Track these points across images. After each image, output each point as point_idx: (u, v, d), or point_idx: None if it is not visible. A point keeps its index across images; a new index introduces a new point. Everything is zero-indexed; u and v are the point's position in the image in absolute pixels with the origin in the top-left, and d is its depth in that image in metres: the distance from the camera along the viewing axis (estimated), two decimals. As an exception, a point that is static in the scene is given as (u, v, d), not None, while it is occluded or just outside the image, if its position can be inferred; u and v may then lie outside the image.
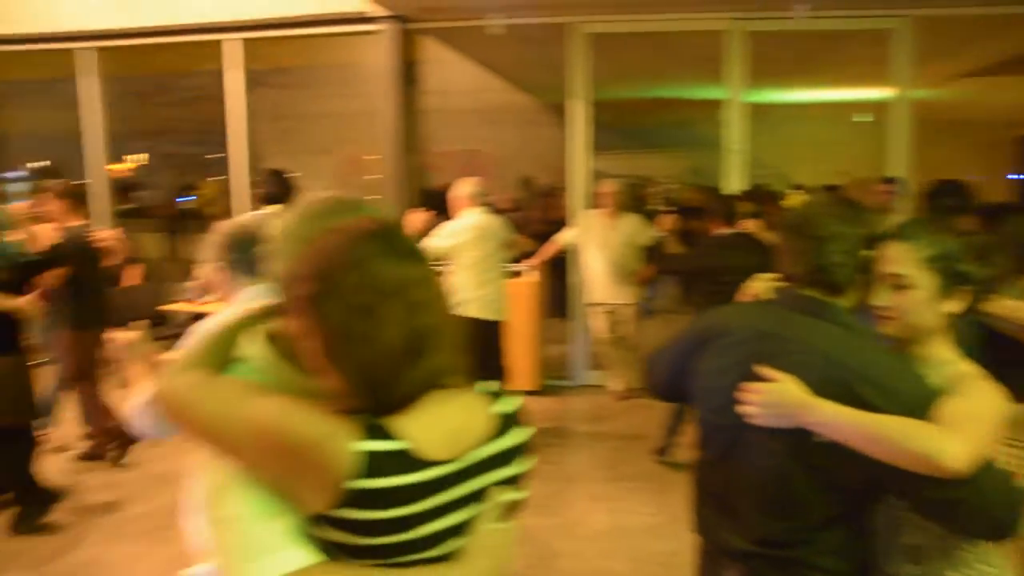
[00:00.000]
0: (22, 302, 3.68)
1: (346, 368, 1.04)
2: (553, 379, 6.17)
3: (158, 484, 4.50)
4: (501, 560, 1.15)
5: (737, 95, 5.82)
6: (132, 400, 2.04)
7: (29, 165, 9.35)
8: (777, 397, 1.52)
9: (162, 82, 8.44)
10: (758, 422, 1.55)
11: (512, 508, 1.19)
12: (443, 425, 1.09)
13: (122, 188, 7.81)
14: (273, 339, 1.22)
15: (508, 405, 1.19)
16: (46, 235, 4.01)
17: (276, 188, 4.27)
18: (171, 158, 9.76)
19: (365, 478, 1.01)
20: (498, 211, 5.78)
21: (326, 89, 8.22)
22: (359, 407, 1.05)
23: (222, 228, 2.22)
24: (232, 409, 1.08)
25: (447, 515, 1.09)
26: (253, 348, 1.24)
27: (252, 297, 2.14)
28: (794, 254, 1.69)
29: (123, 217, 7.54)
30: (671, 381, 1.89)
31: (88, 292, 4.53)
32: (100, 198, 7.17)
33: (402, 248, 1.09)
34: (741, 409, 1.57)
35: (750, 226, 4.36)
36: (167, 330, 6.36)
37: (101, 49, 7.00)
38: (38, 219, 4.29)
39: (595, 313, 5.74)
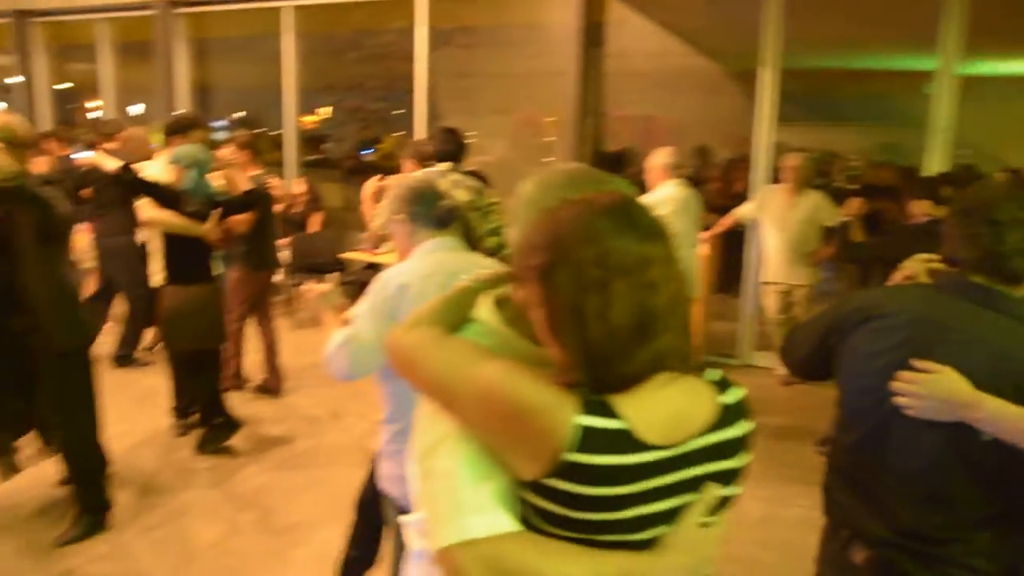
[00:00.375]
0: (206, 229, 3.96)
1: (572, 343, 1.02)
2: (717, 356, 5.98)
3: (326, 421, 4.80)
4: (702, 556, 1.10)
5: (950, 66, 5.28)
6: (326, 344, 2.15)
7: (232, 115, 10.05)
8: (936, 390, 1.45)
9: (353, 39, 8.80)
10: (913, 413, 1.48)
11: (723, 504, 1.14)
12: (664, 409, 1.05)
13: (311, 140, 8.25)
14: (502, 305, 1.23)
15: (733, 395, 1.14)
16: (239, 180, 4.29)
17: (448, 146, 4.31)
18: (356, 112, 10.18)
19: (581, 452, 0.99)
20: (695, 183, 5.60)
21: (508, 49, 8.25)
22: (582, 382, 1.03)
23: (404, 182, 2.27)
24: (460, 368, 1.09)
25: (657, 501, 1.06)
26: (482, 312, 1.25)
27: (430, 250, 2.20)
28: (966, 238, 1.58)
29: (310, 167, 7.99)
30: (811, 359, 1.85)
31: (263, 236, 4.87)
32: (291, 148, 7.63)
33: (643, 225, 1.04)
34: (895, 398, 1.51)
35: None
36: (345, 276, 6.72)
37: (298, 7, 7.39)
38: (231, 165, 4.59)
39: (768, 292, 5.48)
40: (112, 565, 3.23)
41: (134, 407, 4.77)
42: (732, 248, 6.01)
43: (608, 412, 1.01)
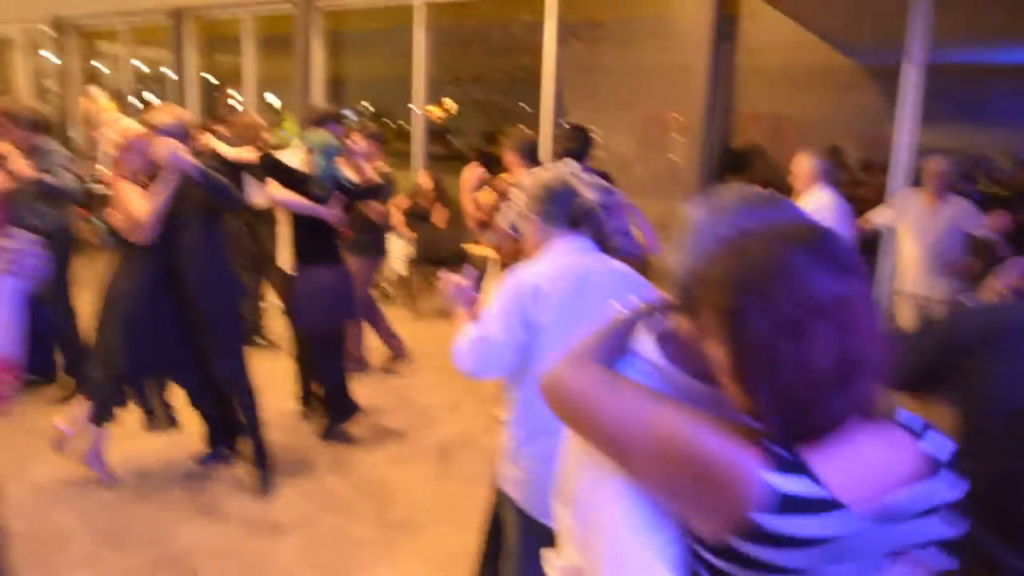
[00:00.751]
0: (325, 212, 4.09)
1: (761, 388, 0.92)
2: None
3: (443, 414, 4.89)
4: None
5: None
6: (455, 338, 2.19)
7: (359, 105, 10.38)
8: None
9: (479, 32, 8.91)
10: None
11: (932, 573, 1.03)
12: (862, 462, 0.95)
13: (435, 132, 8.42)
14: (665, 339, 1.12)
15: (939, 447, 0.99)
16: (366, 170, 4.42)
17: (576, 144, 4.27)
18: (479, 105, 10.29)
19: (771, 514, 0.89)
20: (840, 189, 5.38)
21: (634, 43, 8.16)
22: (768, 430, 0.93)
23: (538, 178, 2.27)
24: (632, 412, 0.99)
25: (850, 565, 0.96)
26: (644, 347, 1.14)
27: (562, 251, 2.20)
28: None
29: (436, 160, 8.15)
30: (919, 373, 1.75)
31: (377, 226, 5.12)
32: (418, 141, 7.80)
33: (840, 259, 0.93)
34: None
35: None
36: (467, 270, 6.82)
37: (429, 3, 7.55)
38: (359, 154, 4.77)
39: (903, 303, 5.21)
40: (229, 545, 3.42)
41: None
42: (866, 256, 5.73)
43: (801, 469, 0.91)
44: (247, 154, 4.66)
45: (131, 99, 11.12)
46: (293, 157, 4.26)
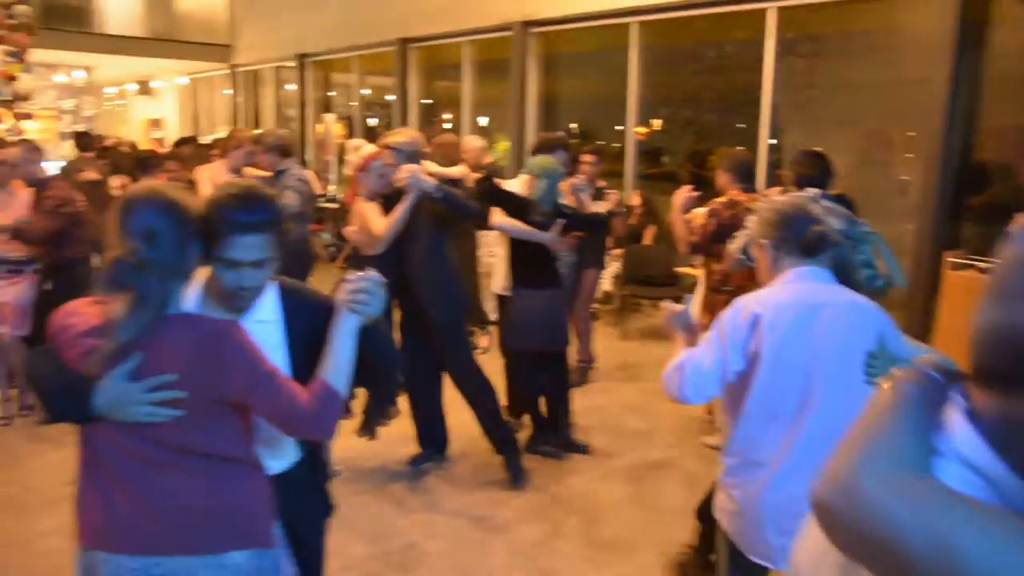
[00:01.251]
0: (547, 238, 4.14)
1: None
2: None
3: (649, 437, 4.83)
4: None
5: None
6: (671, 363, 2.17)
7: (568, 127, 10.57)
8: None
9: (692, 50, 8.79)
10: None
11: None
12: None
13: (645, 152, 8.39)
14: (975, 418, 0.79)
15: None
16: (587, 202, 4.50)
17: (816, 170, 3.96)
18: (689, 124, 10.15)
19: None
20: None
21: (859, 57, 7.71)
22: None
23: (772, 203, 2.20)
24: (948, 527, 0.71)
25: None
26: (961, 439, 0.79)
27: (793, 279, 2.11)
28: None
29: (646, 179, 8.13)
30: None
31: (601, 242, 5.33)
32: (630, 160, 7.83)
33: None
34: None
35: None
36: (674, 291, 6.74)
37: (642, 22, 7.57)
38: (583, 183, 4.87)
39: None
40: (443, 544, 3.55)
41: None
42: None
43: None
44: (457, 171, 4.92)
45: (359, 123, 12.06)
46: (513, 181, 4.42)
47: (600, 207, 4.97)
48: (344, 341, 1.77)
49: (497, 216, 4.20)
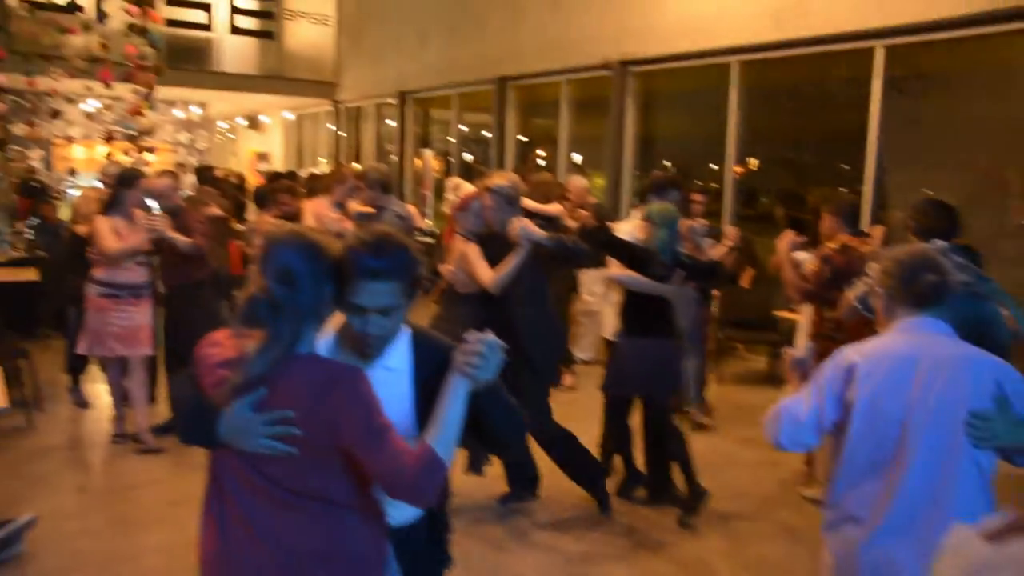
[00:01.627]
0: (668, 291, 4.06)
1: None
2: None
3: (739, 486, 4.73)
4: None
5: None
6: (771, 409, 2.16)
7: (664, 163, 10.57)
8: None
9: (792, 89, 8.67)
10: None
11: None
12: None
13: (742, 192, 8.29)
14: None
15: None
16: (704, 250, 4.49)
17: (943, 222, 3.64)
18: (786, 165, 9.99)
19: None
20: None
21: (970, 95, 7.45)
22: None
23: (892, 253, 2.18)
24: None
25: None
26: None
27: (903, 329, 2.07)
28: None
29: (744, 220, 8.02)
30: None
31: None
32: (728, 200, 7.77)
33: None
34: None
35: None
36: (772, 335, 6.59)
37: (744, 61, 7.53)
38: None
39: None
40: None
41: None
42: None
43: None
44: (553, 208, 4.99)
45: (456, 158, 12.35)
46: (625, 227, 4.42)
47: (717, 250, 4.86)
48: (454, 406, 1.70)
49: (615, 268, 4.14)
